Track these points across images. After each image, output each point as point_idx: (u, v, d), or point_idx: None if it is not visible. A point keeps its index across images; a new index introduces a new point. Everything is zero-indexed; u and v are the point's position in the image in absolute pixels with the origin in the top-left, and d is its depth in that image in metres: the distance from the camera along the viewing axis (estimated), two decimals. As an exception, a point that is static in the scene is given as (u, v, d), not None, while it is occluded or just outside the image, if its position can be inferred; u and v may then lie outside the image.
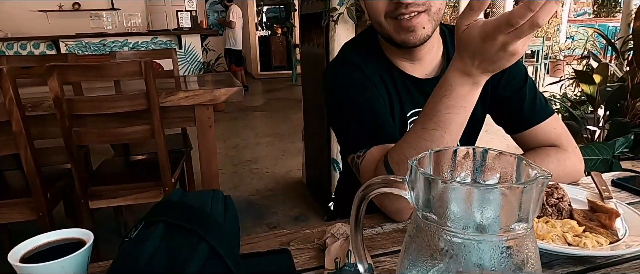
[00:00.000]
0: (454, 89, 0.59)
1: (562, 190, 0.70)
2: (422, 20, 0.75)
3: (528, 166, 0.36)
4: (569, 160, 0.82)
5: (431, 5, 0.75)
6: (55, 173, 1.90)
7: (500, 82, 0.88)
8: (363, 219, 0.44)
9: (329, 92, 0.86)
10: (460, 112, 0.61)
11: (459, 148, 0.41)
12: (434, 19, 0.77)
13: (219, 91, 1.81)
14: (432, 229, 0.35)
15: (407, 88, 0.86)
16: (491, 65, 0.55)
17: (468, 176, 0.41)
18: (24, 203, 1.64)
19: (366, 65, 0.84)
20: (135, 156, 2.24)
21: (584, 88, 2.35)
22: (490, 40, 0.51)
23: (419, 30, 0.76)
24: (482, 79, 0.58)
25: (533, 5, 0.46)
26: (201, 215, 0.47)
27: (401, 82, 0.86)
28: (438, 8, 0.76)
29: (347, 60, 0.86)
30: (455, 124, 0.61)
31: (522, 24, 0.47)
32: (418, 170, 0.35)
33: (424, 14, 0.75)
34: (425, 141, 0.63)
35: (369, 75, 0.83)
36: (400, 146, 0.68)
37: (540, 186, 0.33)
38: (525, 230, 0.34)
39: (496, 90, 0.88)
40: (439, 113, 0.61)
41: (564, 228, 0.64)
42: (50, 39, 5.74)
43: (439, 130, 0.62)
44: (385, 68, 0.86)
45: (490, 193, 0.32)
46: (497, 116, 0.92)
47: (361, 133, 0.77)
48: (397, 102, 0.86)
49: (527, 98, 0.86)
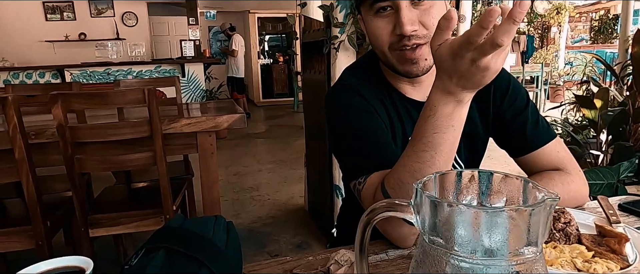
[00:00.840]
0: (437, 109, 0.60)
1: (569, 215, 0.69)
2: (424, 52, 0.76)
3: (535, 189, 0.36)
4: (573, 184, 0.81)
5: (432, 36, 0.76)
6: (55, 201, 1.88)
7: (502, 104, 0.88)
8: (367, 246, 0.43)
9: (329, 117, 0.86)
10: (448, 131, 0.60)
11: (464, 171, 0.40)
12: None
13: (221, 118, 1.82)
14: (439, 253, 0.34)
15: (408, 112, 0.86)
16: (467, 81, 0.55)
17: (474, 199, 0.40)
18: (23, 232, 1.63)
19: (366, 90, 0.84)
20: (136, 183, 2.23)
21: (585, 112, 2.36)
22: (458, 57, 0.52)
23: (421, 61, 0.77)
24: (464, 96, 0.58)
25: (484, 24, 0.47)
26: (202, 241, 0.46)
27: (402, 105, 0.86)
28: None
29: (347, 85, 0.86)
30: (445, 144, 0.61)
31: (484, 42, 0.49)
32: (423, 193, 0.35)
33: (425, 46, 0.76)
34: (417, 163, 0.63)
35: (369, 100, 0.83)
36: (395, 170, 0.67)
37: (549, 209, 0.33)
38: (535, 254, 0.33)
39: (498, 112, 0.89)
40: (426, 134, 0.61)
41: (572, 253, 0.62)
42: (56, 68, 5.82)
43: (430, 151, 0.61)
44: (385, 92, 0.86)
45: (498, 216, 0.32)
46: (500, 139, 0.92)
47: (361, 160, 0.77)
48: (399, 125, 0.86)
49: (529, 121, 0.86)
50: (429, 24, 0.75)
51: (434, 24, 0.74)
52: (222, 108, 2.20)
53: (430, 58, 0.77)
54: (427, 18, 0.75)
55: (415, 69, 0.78)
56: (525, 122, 0.86)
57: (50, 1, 7.72)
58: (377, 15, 0.77)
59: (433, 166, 0.61)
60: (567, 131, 2.54)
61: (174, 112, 2.14)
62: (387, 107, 0.85)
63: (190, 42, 6.53)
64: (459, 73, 0.54)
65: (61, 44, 7.77)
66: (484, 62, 0.51)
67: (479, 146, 0.92)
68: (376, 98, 0.84)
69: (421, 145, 0.62)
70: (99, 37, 7.80)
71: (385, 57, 0.80)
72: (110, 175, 2.47)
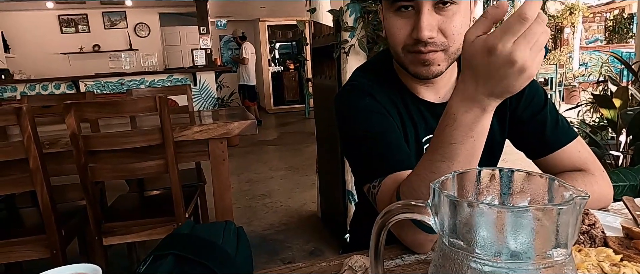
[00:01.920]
0: (456, 117, 0.54)
1: (593, 216, 0.66)
2: (439, 57, 0.73)
3: (562, 187, 0.34)
4: (596, 185, 0.78)
5: (449, 46, 0.73)
6: (69, 209, 1.90)
7: (518, 105, 0.85)
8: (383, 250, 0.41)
9: (339, 119, 0.84)
10: (466, 142, 0.55)
11: (484, 170, 0.38)
12: (451, 58, 0.75)
13: (233, 124, 1.82)
14: (460, 257, 0.32)
15: (421, 113, 0.84)
16: (498, 84, 0.48)
17: (495, 200, 0.38)
18: (38, 241, 1.64)
19: (377, 91, 0.82)
20: (149, 191, 2.23)
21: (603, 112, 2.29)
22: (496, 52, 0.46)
23: (434, 66, 0.74)
24: (489, 104, 0.52)
25: None
26: (211, 247, 0.45)
27: (414, 107, 0.84)
28: (457, 48, 0.74)
29: (357, 86, 0.84)
30: (463, 155, 0.56)
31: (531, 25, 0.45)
32: (442, 192, 0.33)
33: (441, 52, 0.73)
34: (433, 173, 0.58)
35: (380, 101, 0.80)
36: (410, 178, 0.64)
37: (578, 208, 0.30)
38: (565, 257, 0.31)
39: (515, 112, 0.86)
40: (443, 144, 0.56)
41: (599, 256, 0.59)
42: (71, 79, 5.93)
43: (446, 161, 0.57)
44: (397, 93, 0.84)
45: (523, 215, 0.30)
46: (518, 140, 0.89)
47: (374, 163, 0.75)
48: (411, 127, 0.83)
49: (549, 121, 0.83)
50: (449, 33, 0.71)
51: (454, 34, 0.71)
52: (233, 115, 2.20)
53: (443, 65, 0.74)
54: (448, 26, 0.71)
55: (425, 72, 0.75)
56: (544, 122, 0.83)
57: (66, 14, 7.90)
58: (397, 13, 0.73)
59: None
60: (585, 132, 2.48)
61: (185, 119, 2.15)
62: (399, 108, 0.83)
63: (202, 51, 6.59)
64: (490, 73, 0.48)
65: (76, 56, 7.93)
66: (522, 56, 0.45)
67: (495, 149, 0.90)
68: (388, 98, 0.82)
69: (438, 155, 0.58)
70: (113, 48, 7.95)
71: (398, 57, 0.78)
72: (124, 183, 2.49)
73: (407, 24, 0.72)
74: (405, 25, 0.73)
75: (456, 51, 0.74)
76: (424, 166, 0.61)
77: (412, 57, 0.75)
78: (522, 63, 0.46)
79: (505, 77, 0.48)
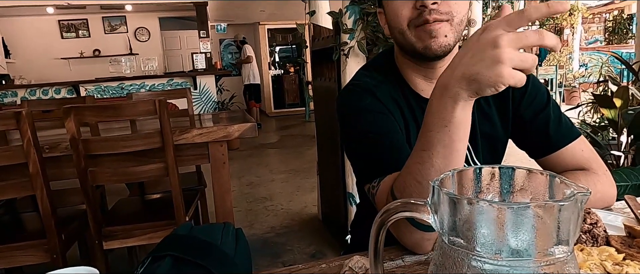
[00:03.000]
0: (433, 103, 0.56)
1: (595, 215, 0.65)
2: (445, 27, 0.74)
3: (563, 184, 0.33)
4: (600, 184, 0.78)
5: (454, 15, 0.73)
6: (70, 214, 1.89)
7: (521, 102, 0.85)
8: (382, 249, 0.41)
9: (341, 119, 0.84)
10: (442, 131, 0.55)
11: (484, 168, 0.38)
12: (457, 30, 0.75)
13: (232, 127, 1.82)
14: (460, 255, 0.31)
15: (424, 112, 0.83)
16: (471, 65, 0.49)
17: (495, 197, 0.38)
18: (38, 246, 1.63)
19: (380, 90, 0.82)
20: (150, 195, 2.23)
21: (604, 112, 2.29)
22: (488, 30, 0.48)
23: (441, 37, 0.74)
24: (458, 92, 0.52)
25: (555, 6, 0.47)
26: (209, 248, 0.45)
27: (417, 106, 0.83)
28: (460, 19, 0.75)
29: (359, 85, 0.84)
30: (439, 145, 0.56)
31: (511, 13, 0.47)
32: (441, 190, 0.32)
33: (446, 23, 0.74)
34: (417, 163, 0.59)
35: (383, 100, 0.80)
36: (402, 172, 0.65)
37: (580, 205, 0.30)
38: (566, 254, 0.30)
39: (518, 111, 0.85)
40: (424, 132, 0.58)
41: (601, 255, 0.58)
42: (71, 84, 5.94)
43: (426, 150, 0.58)
44: (400, 92, 0.84)
45: (524, 212, 0.29)
46: (521, 139, 0.88)
47: (375, 162, 0.75)
48: (414, 126, 0.83)
49: (552, 119, 0.83)
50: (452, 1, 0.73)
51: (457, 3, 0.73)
52: (234, 118, 2.20)
53: (450, 35, 0.74)
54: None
55: (434, 45, 0.74)
56: (547, 121, 0.83)
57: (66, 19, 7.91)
58: None
59: (431, 168, 0.57)
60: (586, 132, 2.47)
61: (186, 123, 2.15)
62: (402, 108, 0.83)
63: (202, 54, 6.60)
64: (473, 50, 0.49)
65: (76, 61, 7.94)
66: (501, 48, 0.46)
67: (498, 147, 0.89)
68: (390, 98, 0.82)
69: (419, 144, 0.59)
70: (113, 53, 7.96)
71: (404, 37, 0.77)
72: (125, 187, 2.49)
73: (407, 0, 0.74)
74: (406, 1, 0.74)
75: (460, 23, 0.75)
76: (411, 157, 0.62)
77: (418, 32, 0.75)
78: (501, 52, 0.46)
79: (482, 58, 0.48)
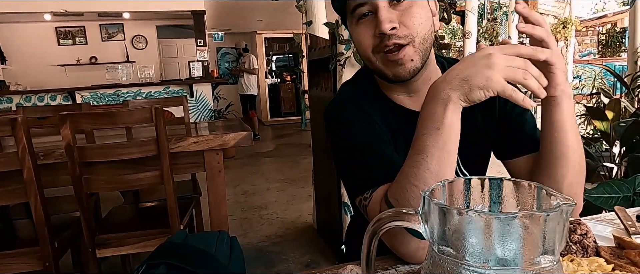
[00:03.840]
0: (424, 108, 0.61)
1: (585, 226, 0.66)
2: (408, 52, 0.75)
3: (549, 195, 0.34)
4: None
5: (415, 36, 0.74)
6: (63, 221, 1.88)
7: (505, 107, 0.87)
8: (375, 259, 0.41)
9: (330, 132, 0.84)
10: (434, 134, 0.59)
11: (473, 179, 0.39)
12: (420, 50, 0.76)
13: (228, 136, 1.82)
14: (450, 264, 0.32)
15: (409, 123, 0.84)
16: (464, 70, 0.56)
17: (485, 208, 0.39)
18: (31, 253, 1.62)
19: (366, 103, 0.83)
20: (144, 203, 2.22)
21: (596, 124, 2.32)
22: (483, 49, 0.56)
23: (407, 62, 0.75)
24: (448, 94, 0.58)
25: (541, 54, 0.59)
26: (204, 256, 0.45)
27: (403, 118, 0.84)
28: (423, 38, 0.75)
29: (346, 99, 0.85)
30: (433, 148, 0.60)
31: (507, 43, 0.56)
32: (431, 200, 0.33)
33: (408, 47, 0.74)
34: (412, 168, 0.61)
35: (369, 112, 0.81)
36: (396, 179, 0.66)
37: (565, 215, 0.31)
38: (552, 263, 0.31)
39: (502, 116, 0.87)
40: (417, 136, 0.62)
41: (591, 266, 0.59)
42: (67, 91, 5.93)
43: (421, 154, 0.61)
44: (385, 106, 0.84)
45: (510, 223, 0.30)
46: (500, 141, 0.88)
47: (366, 174, 0.75)
48: (401, 138, 0.83)
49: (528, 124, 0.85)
50: (410, 24, 0.73)
51: (414, 24, 0.74)
52: (230, 127, 2.20)
53: (416, 58, 0.75)
54: (407, 18, 0.73)
55: (402, 71, 0.76)
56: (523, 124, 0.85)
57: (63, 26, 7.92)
58: (359, 23, 0.77)
59: (426, 171, 0.60)
60: (578, 144, 2.49)
61: (182, 131, 2.15)
62: (389, 120, 0.83)
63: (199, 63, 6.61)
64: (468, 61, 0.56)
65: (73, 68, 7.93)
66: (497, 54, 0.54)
67: (483, 154, 0.90)
68: (376, 110, 0.82)
69: (414, 149, 0.62)
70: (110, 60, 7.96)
71: (372, 63, 0.79)
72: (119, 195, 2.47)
73: (369, 27, 0.75)
74: (368, 29, 0.76)
75: (422, 42, 0.76)
76: (406, 163, 0.64)
77: (383, 59, 0.76)
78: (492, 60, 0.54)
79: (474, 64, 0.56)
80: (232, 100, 9.07)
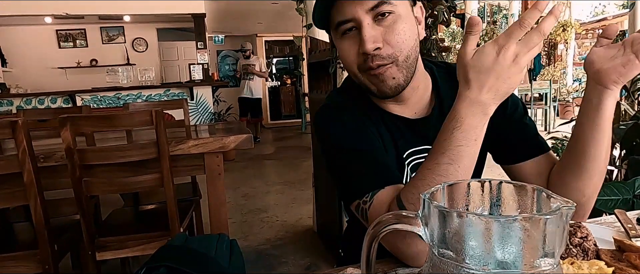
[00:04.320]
0: (464, 121, 0.59)
1: (585, 229, 0.66)
2: (391, 71, 0.74)
3: (549, 198, 0.34)
4: None
5: (398, 56, 0.73)
6: (63, 224, 1.88)
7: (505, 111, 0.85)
8: (375, 262, 0.41)
9: (321, 138, 0.83)
10: (471, 145, 0.60)
11: (473, 182, 0.39)
12: (404, 67, 0.75)
13: (228, 138, 1.82)
14: (450, 267, 0.32)
15: (400, 129, 0.83)
16: (504, 82, 0.56)
17: (485, 211, 0.39)
18: (30, 256, 1.62)
19: (356, 109, 0.82)
20: (144, 206, 2.22)
21: (596, 127, 2.31)
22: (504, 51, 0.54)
23: (389, 80, 0.75)
24: (491, 107, 0.59)
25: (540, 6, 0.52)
26: (204, 259, 0.45)
27: (392, 123, 0.83)
28: (406, 55, 0.74)
29: (335, 104, 0.85)
30: (467, 158, 0.60)
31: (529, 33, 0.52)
32: (431, 203, 0.33)
33: (391, 66, 0.74)
34: (440, 176, 0.61)
35: (359, 117, 0.81)
36: (414, 184, 0.64)
37: (565, 218, 0.31)
38: (552, 266, 0.31)
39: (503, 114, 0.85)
40: (451, 147, 0.60)
41: (591, 269, 0.59)
42: (67, 93, 5.93)
43: (454, 164, 0.60)
44: (374, 112, 0.84)
45: (510, 225, 0.30)
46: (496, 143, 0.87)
47: (364, 177, 0.74)
48: (391, 144, 0.83)
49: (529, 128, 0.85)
50: (393, 42, 0.72)
51: (398, 42, 0.72)
52: (230, 130, 2.21)
53: (398, 77, 0.75)
54: (391, 35, 0.72)
55: (385, 88, 0.75)
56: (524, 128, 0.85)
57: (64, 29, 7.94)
58: (343, 38, 0.75)
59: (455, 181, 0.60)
60: (578, 147, 2.49)
61: (182, 133, 2.15)
62: (378, 126, 0.82)
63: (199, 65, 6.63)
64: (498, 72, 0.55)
65: (73, 70, 7.94)
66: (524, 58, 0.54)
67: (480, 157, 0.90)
68: (365, 115, 0.82)
69: (446, 158, 0.60)
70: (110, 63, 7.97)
71: (357, 79, 0.78)
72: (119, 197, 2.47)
73: (354, 44, 0.74)
74: (352, 45, 0.74)
75: (405, 60, 0.75)
76: (431, 170, 0.62)
77: (367, 76, 0.76)
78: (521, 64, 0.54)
79: (509, 76, 0.55)
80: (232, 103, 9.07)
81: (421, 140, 0.84)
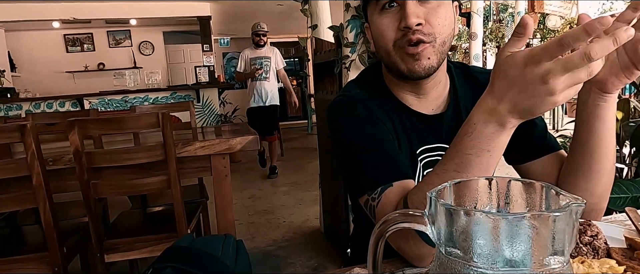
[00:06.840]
0: (476, 127, 0.55)
1: (596, 227, 0.65)
2: (427, 50, 0.74)
3: (558, 195, 0.34)
4: None
5: (437, 37, 0.74)
6: (72, 226, 1.90)
7: None
8: (382, 262, 0.41)
9: (334, 129, 0.83)
10: (482, 155, 0.55)
11: (480, 179, 0.38)
12: (439, 51, 0.75)
13: (235, 140, 1.83)
14: (457, 266, 0.32)
15: (414, 125, 0.83)
16: (527, 100, 0.49)
17: (493, 208, 0.38)
18: (40, 258, 1.63)
19: (371, 101, 0.82)
20: (152, 208, 2.23)
21: (605, 125, 2.28)
22: (533, 64, 0.46)
23: (424, 59, 0.74)
24: (508, 120, 0.53)
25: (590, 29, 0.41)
26: (210, 259, 0.45)
27: (408, 118, 0.83)
28: (443, 40, 0.75)
29: (350, 96, 0.84)
30: (476, 168, 0.56)
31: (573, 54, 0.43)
32: (438, 201, 0.33)
33: (429, 45, 0.74)
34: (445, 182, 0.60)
35: (374, 110, 0.80)
36: (421, 188, 0.63)
37: (574, 215, 0.30)
38: (562, 265, 0.30)
39: None
40: (460, 154, 0.57)
41: (602, 268, 0.58)
42: (75, 97, 5.99)
43: (460, 172, 0.57)
44: (390, 105, 0.84)
45: (519, 223, 0.30)
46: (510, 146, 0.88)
47: (374, 171, 0.73)
48: (405, 139, 0.83)
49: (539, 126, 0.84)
50: (435, 23, 0.73)
51: (440, 25, 0.73)
52: (236, 131, 2.21)
53: (433, 58, 0.75)
54: (433, 17, 0.73)
55: (417, 67, 0.75)
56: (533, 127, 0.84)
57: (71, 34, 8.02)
58: (383, 12, 0.76)
59: None
60: (587, 145, 2.46)
61: (188, 135, 2.16)
62: (393, 119, 0.82)
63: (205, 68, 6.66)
64: (520, 85, 0.48)
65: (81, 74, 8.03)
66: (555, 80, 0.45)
67: None
68: (381, 109, 0.82)
69: (453, 165, 0.58)
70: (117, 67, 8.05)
71: (389, 57, 0.78)
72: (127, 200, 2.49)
73: (393, 20, 0.75)
74: (392, 21, 0.75)
75: (442, 44, 0.75)
76: (438, 176, 0.61)
77: (401, 53, 0.76)
78: (552, 86, 0.46)
79: (533, 95, 0.48)
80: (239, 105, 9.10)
81: (435, 137, 0.84)
